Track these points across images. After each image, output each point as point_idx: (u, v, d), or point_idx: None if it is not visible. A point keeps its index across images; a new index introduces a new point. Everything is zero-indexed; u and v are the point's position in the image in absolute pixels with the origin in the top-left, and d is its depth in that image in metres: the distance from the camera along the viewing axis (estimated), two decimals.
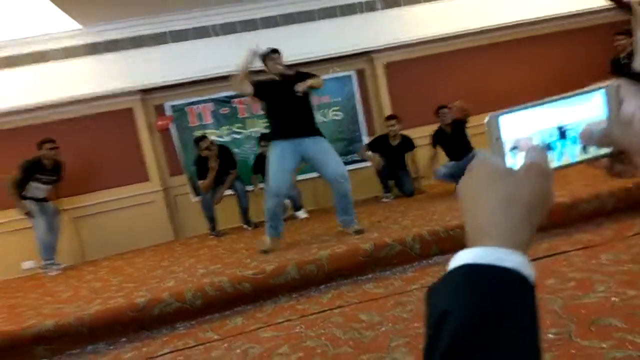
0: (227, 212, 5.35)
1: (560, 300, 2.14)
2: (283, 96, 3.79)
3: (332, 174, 3.81)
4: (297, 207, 5.40)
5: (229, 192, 5.19)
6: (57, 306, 3.57)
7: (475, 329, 0.36)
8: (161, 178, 5.61)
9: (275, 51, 3.86)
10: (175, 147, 5.65)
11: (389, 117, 5.27)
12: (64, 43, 5.06)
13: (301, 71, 3.98)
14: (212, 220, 5.20)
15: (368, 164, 5.46)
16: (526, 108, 0.51)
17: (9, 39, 4.92)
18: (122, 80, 5.20)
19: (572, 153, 0.52)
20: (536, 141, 0.51)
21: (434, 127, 5.12)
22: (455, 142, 4.97)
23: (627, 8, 4.34)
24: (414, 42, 5.68)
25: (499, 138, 0.50)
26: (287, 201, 5.37)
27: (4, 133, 5.22)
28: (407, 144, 5.27)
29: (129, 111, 5.42)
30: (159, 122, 5.54)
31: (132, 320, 3.12)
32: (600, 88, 0.51)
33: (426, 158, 5.21)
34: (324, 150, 3.86)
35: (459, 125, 4.91)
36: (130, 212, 5.37)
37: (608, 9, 5.83)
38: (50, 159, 4.68)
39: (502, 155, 0.51)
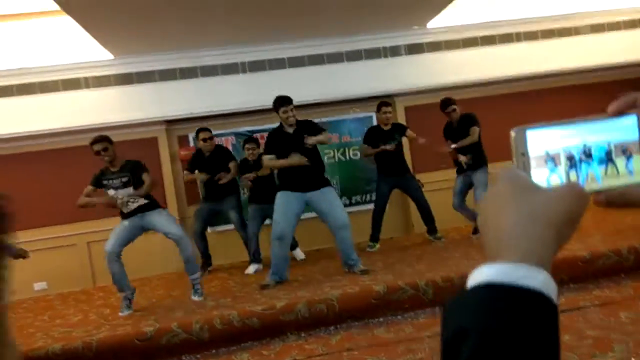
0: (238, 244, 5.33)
1: (576, 358, 2.07)
2: (293, 148, 3.91)
3: (335, 224, 3.95)
4: (292, 246, 5.04)
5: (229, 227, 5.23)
6: (66, 329, 3.58)
7: (495, 349, 0.36)
8: (179, 207, 5.67)
9: (289, 102, 3.96)
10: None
11: (385, 104, 4.99)
12: (96, 72, 5.26)
13: (311, 122, 4.13)
14: (204, 249, 5.08)
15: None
16: (555, 125, 0.50)
17: (45, 65, 5.14)
18: (150, 111, 5.35)
19: (597, 174, 0.50)
20: (563, 159, 0.50)
21: (451, 173, 5.13)
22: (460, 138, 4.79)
23: None
24: (435, 88, 5.76)
25: (524, 153, 0.49)
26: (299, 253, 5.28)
27: (33, 155, 5.38)
28: (400, 128, 5.06)
29: (153, 140, 5.56)
30: (182, 152, 5.65)
31: (139, 348, 3.10)
32: (632, 114, 0.49)
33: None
34: (329, 201, 4.00)
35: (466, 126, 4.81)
36: (144, 239, 5.40)
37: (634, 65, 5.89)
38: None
39: (527, 170, 0.49)
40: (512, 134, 0.51)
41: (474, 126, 4.68)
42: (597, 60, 5.96)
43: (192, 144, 5.70)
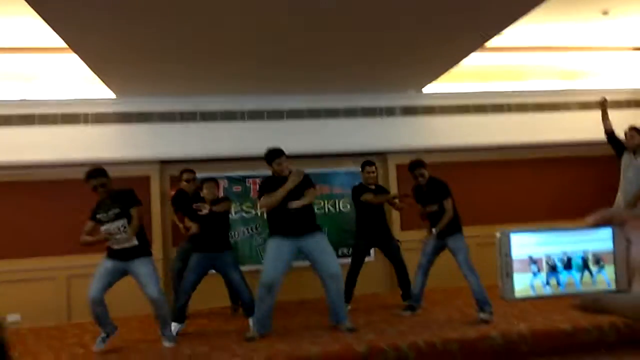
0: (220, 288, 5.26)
1: None
2: (286, 198, 3.86)
3: (326, 273, 3.86)
4: (249, 311, 4.29)
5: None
6: None
7: None
8: (164, 247, 5.63)
9: (281, 154, 4.01)
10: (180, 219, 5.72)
11: (369, 163, 4.98)
12: (97, 109, 5.35)
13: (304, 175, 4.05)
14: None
15: (371, 257, 5.45)
16: (538, 232, 0.54)
17: (48, 99, 5.22)
18: (145, 150, 5.41)
19: (576, 280, 0.54)
20: (545, 264, 0.53)
21: None
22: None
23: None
24: (426, 149, 5.91)
25: (508, 254, 0.53)
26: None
27: (23, 185, 5.37)
28: (382, 190, 5.06)
29: (146, 179, 5.58)
30: (173, 193, 5.66)
31: None
32: (608, 226, 0.53)
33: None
34: (321, 248, 3.92)
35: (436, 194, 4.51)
36: (125, 278, 5.33)
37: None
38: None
39: (510, 271, 0.53)
40: (497, 235, 0.55)
41: (447, 198, 4.37)
42: (584, 136, 6.18)
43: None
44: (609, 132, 4.86)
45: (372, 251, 5.43)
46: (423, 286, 4.55)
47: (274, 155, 4.00)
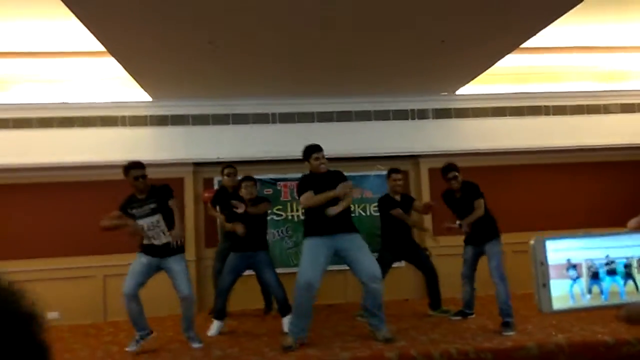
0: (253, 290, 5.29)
1: None
2: (324, 191, 3.81)
3: (366, 274, 3.70)
4: (284, 310, 4.38)
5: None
6: None
7: None
8: (197, 248, 5.71)
9: (319, 149, 3.96)
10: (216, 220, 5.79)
11: (395, 171, 4.89)
12: (133, 112, 5.48)
13: (341, 173, 4.02)
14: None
15: (402, 263, 5.38)
16: (577, 236, 0.51)
17: (88, 101, 5.39)
18: (180, 152, 5.51)
19: (621, 289, 0.50)
20: (585, 270, 0.50)
21: None
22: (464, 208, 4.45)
23: None
24: (459, 152, 5.80)
25: (543, 262, 0.50)
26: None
27: (63, 185, 5.56)
28: (408, 200, 4.96)
29: (180, 181, 5.67)
30: (206, 194, 5.74)
31: None
32: None
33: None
34: (358, 247, 3.79)
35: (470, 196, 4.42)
36: (158, 277, 5.42)
37: None
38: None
39: (546, 279, 0.49)
40: (531, 242, 0.51)
41: (479, 198, 4.31)
42: (626, 139, 5.97)
43: (216, 186, 5.80)
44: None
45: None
46: (472, 293, 4.52)
47: (311, 150, 3.94)
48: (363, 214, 6.11)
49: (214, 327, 4.42)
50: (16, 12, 4.34)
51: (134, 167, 3.84)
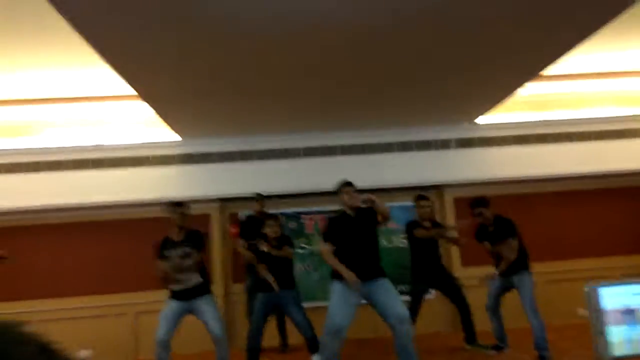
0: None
1: None
2: (354, 234, 3.79)
3: (394, 316, 3.63)
4: (313, 347, 4.38)
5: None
6: None
7: None
8: (224, 283, 5.74)
9: (349, 184, 3.94)
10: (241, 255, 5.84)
11: (422, 197, 4.85)
12: (161, 151, 5.64)
13: (370, 208, 3.92)
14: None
15: (432, 295, 5.30)
16: (630, 283, 0.53)
17: (117, 143, 5.57)
18: (206, 189, 5.61)
19: None
20: None
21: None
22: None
23: None
24: (484, 181, 5.78)
25: (599, 310, 0.52)
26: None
27: (94, 225, 5.70)
28: (438, 224, 4.89)
29: (206, 217, 5.77)
30: (232, 230, 5.81)
31: None
32: None
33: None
34: (387, 292, 3.72)
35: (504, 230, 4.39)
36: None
37: None
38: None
39: (603, 325, 0.51)
40: (585, 289, 0.53)
41: (513, 238, 4.28)
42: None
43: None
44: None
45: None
46: (501, 326, 4.44)
47: (343, 184, 3.93)
48: (388, 245, 6.08)
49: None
50: (49, 60, 4.56)
51: (178, 205, 4.14)
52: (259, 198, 5.22)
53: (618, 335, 0.51)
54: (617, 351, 0.51)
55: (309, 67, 3.98)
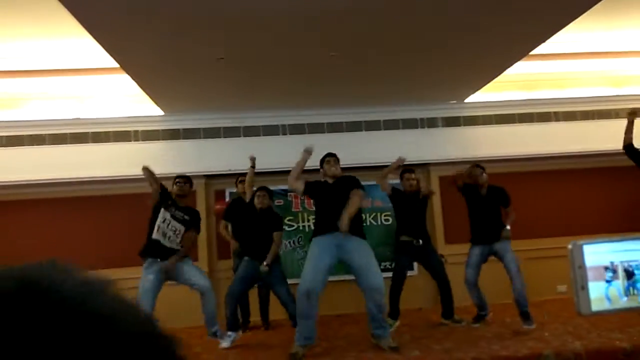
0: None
1: None
2: (332, 197, 3.88)
3: (370, 285, 3.69)
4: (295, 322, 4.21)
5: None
6: None
7: None
8: (209, 260, 5.74)
9: (331, 155, 4.10)
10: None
11: (408, 170, 4.88)
12: (146, 127, 5.56)
13: (351, 177, 4.08)
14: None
15: (415, 271, 5.36)
16: (612, 241, 0.53)
17: (100, 117, 5.48)
18: (191, 165, 5.56)
19: None
20: (621, 273, 0.52)
21: None
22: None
23: None
24: (470, 160, 5.78)
25: (582, 266, 0.52)
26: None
27: (80, 200, 5.64)
28: (424, 196, 4.89)
29: (192, 193, 5.72)
30: (217, 206, 5.79)
31: None
32: None
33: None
34: (365, 255, 3.77)
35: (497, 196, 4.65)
36: (170, 291, 5.45)
37: None
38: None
39: (585, 282, 0.51)
40: (569, 247, 0.53)
41: (510, 204, 4.61)
42: (636, 144, 5.92)
43: (227, 198, 5.84)
44: (628, 145, 4.64)
45: (414, 265, 5.34)
46: (481, 294, 4.55)
47: (325, 155, 4.12)
48: (374, 223, 6.11)
49: (229, 339, 4.33)
50: (29, 31, 4.45)
51: (182, 177, 4.29)
52: (243, 179, 5.12)
53: (598, 292, 0.51)
54: (596, 307, 0.51)
55: (295, 42, 3.92)
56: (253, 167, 4.75)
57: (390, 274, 5.78)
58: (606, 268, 0.52)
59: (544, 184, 6.10)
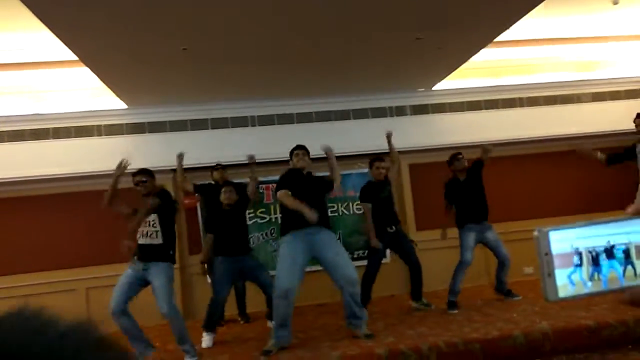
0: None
1: None
2: (301, 189, 3.86)
3: (343, 279, 3.72)
4: (270, 314, 4.26)
5: None
6: None
7: None
8: (180, 256, 5.64)
9: (300, 147, 4.07)
10: (199, 225, 5.74)
11: (378, 159, 4.91)
12: (109, 121, 5.40)
13: (323, 178, 4.12)
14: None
15: (387, 259, 5.40)
16: (577, 226, 0.52)
17: (60, 112, 5.28)
18: (158, 159, 5.42)
19: (619, 274, 0.51)
20: (586, 258, 0.51)
21: (454, 231, 4.94)
22: (472, 194, 4.73)
23: None
24: (438, 147, 5.86)
25: (548, 253, 0.51)
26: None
27: (39, 199, 5.44)
28: (388, 182, 4.92)
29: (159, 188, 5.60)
30: (187, 201, 5.69)
31: None
32: None
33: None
34: (336, 252, 3.81)
35: (476, 172, 4.78)
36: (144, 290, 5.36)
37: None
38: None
39: (551, 269, 0.51)
40: (535, 234, 0.52)
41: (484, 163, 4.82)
42: (598, 128, 6.11)
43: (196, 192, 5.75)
44: (607, 160, 4.80)
45: (387, 252, 5.38)
46: (455, 287, 4.67)
47: (293, 148, 4.07)
48: (346, 212, 6.13)
49: (208, 339, 4.25)
50: None
51: (137, 173, 3.90)
52: (220, 167, 5.08)
53: (563, 278, 0.50)
54: (563, 293, 0.51)
55: (259, 30, 3.86)
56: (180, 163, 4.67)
57: (364, 262, 5.84)
58: (572, 254, 0.52)
59: (511, 168, 6.22)
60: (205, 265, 4.81)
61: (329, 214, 4.26)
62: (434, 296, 4.82)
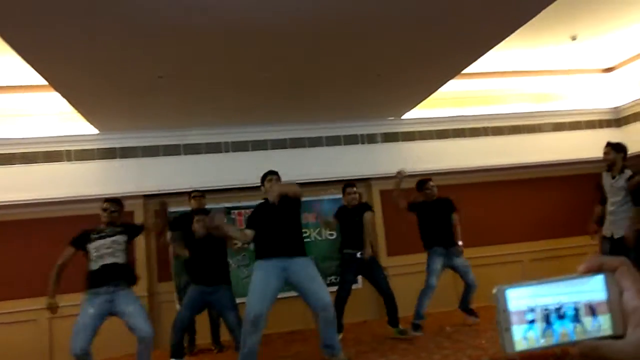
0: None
1: None
2: (274, 217, 3.81)
3: (319, 304, 3.70)
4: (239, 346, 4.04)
5: None
6: None
7: None
8: (149, 283, 5.54)
9: (272, 173, 4.05)
10: (168, 252, 5.65)
11: (349, 185, 5.00)
12: (79, 146, 5.32)
13: (294, 199, 3.99)
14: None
15: (359, 284, 5.43)
16: (531, 285, 0.56)
17: (28, 137, 5.18)
18: (129, 185, 5.37)
19: (570, 331, 0.55)
20: (540, 316, 0.56)
21: (424, 256, 4.99)
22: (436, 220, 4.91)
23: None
24: (409, 173, 5.97)
25: (505, 310, 0.55)
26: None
27: (12, 224, 5.29)
28: (364, 207, 4.99)
29: (129, 214, 5.50)
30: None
31: None
32: (599, 274, 0.55)
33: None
34: (311, 277, 3.77)
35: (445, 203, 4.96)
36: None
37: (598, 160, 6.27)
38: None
39: (509, 325, 0.55)
40: (494, 291, 0.58)
41: (454, 212, 4.96)
42: (558, 156, 6.38)
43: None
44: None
45: (359, 278, 5.42)
46: (421, 309, 4.78)
47: (266, 173, 4.06)
48: (318, 237, 6.16)
49: None
50: None
51: (109, 200, 3.89)
52: (198, 196, 4.99)
53: (519, 333, 0.55)
54: (519, 347, 0.56)
55: (233, 59, 3.92)
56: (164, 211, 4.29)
57: (336, 288, 5.83)
58: (527, 311, 0.57)
59: (480, 194, 6.40)
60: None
61: (303, 238, 4.24)
62: (404, 321, 4.85)
